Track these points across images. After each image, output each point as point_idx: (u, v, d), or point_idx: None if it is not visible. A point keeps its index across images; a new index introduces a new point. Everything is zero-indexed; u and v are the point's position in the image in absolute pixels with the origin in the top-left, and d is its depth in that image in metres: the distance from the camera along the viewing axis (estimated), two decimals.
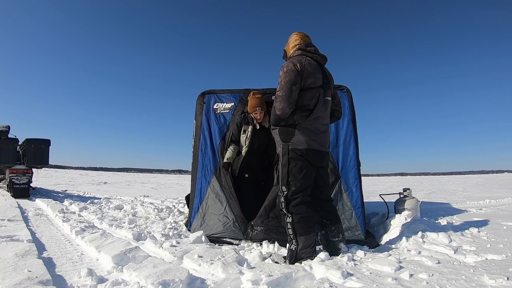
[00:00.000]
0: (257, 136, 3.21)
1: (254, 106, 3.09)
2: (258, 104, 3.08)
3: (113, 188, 11.72)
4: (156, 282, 1.63)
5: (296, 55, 2.23)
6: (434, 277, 1.73)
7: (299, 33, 2.35)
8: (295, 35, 2.34)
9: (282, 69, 2.16)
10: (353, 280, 1.72)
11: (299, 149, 2.16)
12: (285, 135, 2.18)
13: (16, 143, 7.91)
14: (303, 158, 2.16)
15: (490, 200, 5.98)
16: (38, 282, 1.66)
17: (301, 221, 2.13)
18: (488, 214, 4.15)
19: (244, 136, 3.20)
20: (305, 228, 2.14)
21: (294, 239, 2.14)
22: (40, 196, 7.03)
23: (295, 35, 2.35)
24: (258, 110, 3.09)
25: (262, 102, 3.11)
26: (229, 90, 3.38)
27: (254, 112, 3.12)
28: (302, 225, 2.13)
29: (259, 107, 3.09)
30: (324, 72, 2.28)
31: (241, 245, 2.73)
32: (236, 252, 2.28)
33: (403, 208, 3.55)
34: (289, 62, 2.17)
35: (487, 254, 2.12)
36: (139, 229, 3.23)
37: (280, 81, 2.13)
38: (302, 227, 2.13)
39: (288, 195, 2.15)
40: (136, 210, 4.82)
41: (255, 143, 3.21)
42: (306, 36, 2.35)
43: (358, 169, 3.04)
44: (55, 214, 4.21)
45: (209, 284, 1.76)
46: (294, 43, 2.32)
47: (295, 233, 2.13)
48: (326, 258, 2.09)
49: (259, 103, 3.09)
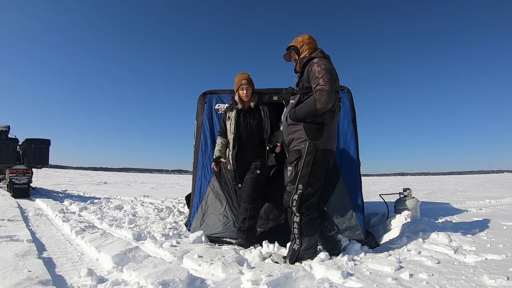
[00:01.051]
0: (243, 120, 2.86)
1: (240, 80, 2.83)
2: (245, 77, 2.84)
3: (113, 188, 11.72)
4: (156, 282, 1.63)
5: (321, 56, 2.25)
6: (434, 277, 1.73)
7: (312, 37, 2.41)
8: (310, 37, 2.38)
9: (316, 64, 2.15)
10: (353, 280, 1.72)
11: (325, 149, 2.17)
12: (313, 133, 2.14)
13: (16, 143, 7.91)
14: (326, 159, 2.19)
15: (490, 200, 5.99)
16: (38, 282, 1.66)
17: (309, 222, 2.14)
18: (488, 214, 4.15)
19: (229, 122, 2.89)
20: (312, 229, 2.14)
21: (298, 239, 2.14)
22: (40, 196, 7.02)
23: (309, 37, 2.38)
24: (245, 83, 2.81)
25: (249, 78, 2.87)
26: (230, 90, 3.37)
27: (240, 87, 2.84)
28: (309, 226, 2.13)
29: (246, 80, 2.83)
30: None
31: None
32: (236, 252, 2.28)
33: (403, 208, 3.56)
34: (323, 60, 2.18)
35: (487, 254, 2.12)
36: (139, 229, 3.22)
37: (321, 76, 2.09)
38: (309, 228, 2.13)
39: (304, 195, 2.13)
40: (136, 210, 4.82)
41: (241, 129, 2.84)
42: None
43: (359, 169, 3.04)
44: (55, 214, 4.21)
45: (209, 284, 1.76)
46: (311, 44, 2.35)
47: (300, 233, 2.13)
48: (326, 258, 2.10)
49: (246, 77, 2.84)
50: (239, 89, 2.83)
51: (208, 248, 2.38)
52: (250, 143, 2.84)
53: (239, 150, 2.82)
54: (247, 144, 2.83)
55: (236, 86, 2.85)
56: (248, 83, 2.82)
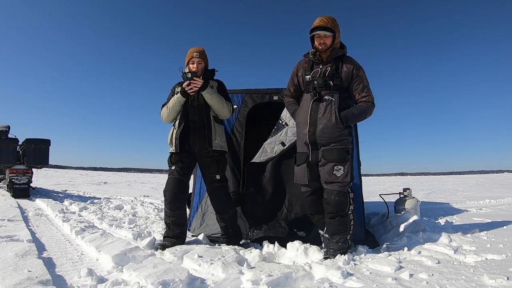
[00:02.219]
0: (190, 96, 2.51)
1: (192, 53, 2.54)
2: (198, 50, 2.54)
3: (113, 188, 11.72)
4: (156, 282, 1.63)
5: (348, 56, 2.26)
6: (434, 277, 1.73)
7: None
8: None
9: (363, 70, 2.19)
10: (353, 280, 1.72)
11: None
12: (349, 132, 2.21)
13: (16, 143, 7.91)
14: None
15: (490, 200, 5.99)
16: (38, 282, 1.66)
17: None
18: (488, 214, 4.15)
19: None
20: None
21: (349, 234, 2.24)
22: (40, 196, 7.02)
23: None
24: (196, 56, 2.51)
25: (203, 51, 2.57)
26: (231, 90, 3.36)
27: (191, 60, 2.54)
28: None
29: (198, 53, 2.52)
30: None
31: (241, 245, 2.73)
32: (236, 252, 2.28)
33: (403, 208, 3.56)
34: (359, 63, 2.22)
35: (487, 254, 2.12)
36: (139, 229, 3.22)
37: (369, 86, 2.18)
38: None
39: (350, 195, 2.21)
40: (136, 210, 4.82)
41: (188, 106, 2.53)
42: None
43: (359, 168, 3.04)
44: (55, 214, 4.21)
45: (209, 284, 1.76)
46: (340, 38, 2.23)
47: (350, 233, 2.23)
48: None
49: (199, 50, 2.55)
50: (190, 63, 2.55)
51: (208, 248, 2.38)
52: (199, 124, 2.53)
53: (185, 128, 2.52)
54: (194, 126, 2.53)
55: (187, 59, 2.57)
56: (200, 56, 2.53)
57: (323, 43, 2.17)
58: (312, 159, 2.22)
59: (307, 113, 2.20)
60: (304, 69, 2.31)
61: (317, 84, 2.15)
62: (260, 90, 3.24)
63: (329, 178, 2.11)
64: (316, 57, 2.23)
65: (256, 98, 3.22)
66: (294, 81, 2.41)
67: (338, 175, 2.09)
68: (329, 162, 2.12)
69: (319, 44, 2.18)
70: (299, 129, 2.31)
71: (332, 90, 2.15)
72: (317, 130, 2.15)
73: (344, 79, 2.17)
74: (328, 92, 2.16)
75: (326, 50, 2.18)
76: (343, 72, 2.17)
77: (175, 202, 2.52)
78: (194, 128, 2.53)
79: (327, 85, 2.15)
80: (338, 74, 2.16)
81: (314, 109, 2.17)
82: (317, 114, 2.16)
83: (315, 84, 2.16)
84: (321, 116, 2.15)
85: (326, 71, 2.18)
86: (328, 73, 2.17)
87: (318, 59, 2.22)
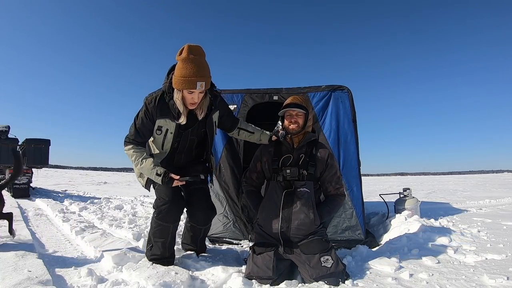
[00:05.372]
0: (184, 136, 1.97)
1: (191, 76, 1.70)
2: (201, 77, 1.73)
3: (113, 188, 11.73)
4: (157, 284, 1.63)
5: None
6: (434, 277, 1.73)
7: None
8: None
9: (333, 155, 2.06)
10: (353, 279, 1.72)
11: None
12: (324, 226, 2.07)
13: (16, 143, 7.92)
14: None
15: (490, 200, 5.99)
16: (38, 282, 1.65)
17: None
18: (488, 214, 4.15)
19: (161, 136, 1.92)
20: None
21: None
22: (40, 196, 7.03)
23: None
24: (200, 87, 1.73)
25: (207, 72, 1.78)
26: (231, 90, 3.36)
27: (190, 88, 1.73)
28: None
29: (204, 82, 1.74)
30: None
31: (241, 245, 2.74)
32: (236, 252, 2.28)
33: (403, 208, 3.56)
34: (331, 150, 2.26)
35: (487, 254, 2.12)
36: (139, 229, 3.22)
37: (337, 170, 2.04)
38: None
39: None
40: (136, 210, 4.83)
41: (176, 144, 1.98)
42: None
43: (359, 168, 3.04)
44: (55, 214, 4.21)
45: (209, 284, 1.76)
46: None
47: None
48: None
49: (203, 73, 1.74)
50: (187, 91, 1.77)
51: (208, 248, 2.38)
52: (185, 155, 2.08)
53: (168, 158, 2.02)
54: (180, 156, 2.07)
55: (182, 83, 1.73)
56: (207, 83, 1.78)
57: (294, 122, 1.93)
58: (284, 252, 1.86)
59: (278, 207, 1.87)
60: (270, 154, 2.02)
61: (289, 173, 1.87)
62: (260, 90, 3.23)
63: (320, 272, 1.70)
64: (287, 140, 1.96)
65: (256, 98, 3.22)
66: (257, 167, 2.06)
67: (328, 266, 1.71)
68: (312, 254, 1.77)
69: (290, 123, 1.94)
70: (266, 224, 1.91)
71: (306, 180, 1.88)
72: (291, 226, 1.84)
73: (317, 167, 1.92)
74: (301, 183, 1.87)
75: (298, 132, 1.94)
76: (317, 160, 1.93)
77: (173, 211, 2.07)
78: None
79: (301, 174, 1.88)
80: (312, 162, 1.91)
81: (287, 202, 1.86)
82: (291, 208, 1.85)
83: (287, 173, 1.88)
84: (297, 211, 1.85)
85: (300, 158, 1.92)
86: (302, 161, 1.92)
87: (289, 142, 1.97)
